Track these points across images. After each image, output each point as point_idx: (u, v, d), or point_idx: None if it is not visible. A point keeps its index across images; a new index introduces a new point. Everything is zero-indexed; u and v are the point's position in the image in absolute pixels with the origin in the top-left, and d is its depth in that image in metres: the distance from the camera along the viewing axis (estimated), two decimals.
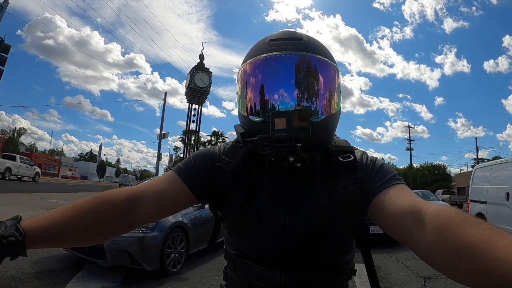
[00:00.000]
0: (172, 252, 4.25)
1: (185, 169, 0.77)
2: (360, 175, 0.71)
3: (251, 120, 0.70)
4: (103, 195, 0.70)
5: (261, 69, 0.70)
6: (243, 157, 0.75)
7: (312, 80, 0.69)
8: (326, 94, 0.70)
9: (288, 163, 0.66)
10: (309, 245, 0.74)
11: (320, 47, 0.72)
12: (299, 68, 0.68)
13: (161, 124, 21.42)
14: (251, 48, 0.75)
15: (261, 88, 0.70)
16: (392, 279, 4.42)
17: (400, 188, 0.67)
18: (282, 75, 0.68)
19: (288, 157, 0.65)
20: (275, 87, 0.68)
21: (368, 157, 0.76)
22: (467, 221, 0.48)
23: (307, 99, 0.68)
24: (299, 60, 0.68)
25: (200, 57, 15.68)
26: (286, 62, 0.68)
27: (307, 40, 0.71)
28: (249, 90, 0.72)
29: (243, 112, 0.73)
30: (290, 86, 0.67)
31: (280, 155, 0.66)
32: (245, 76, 0.73)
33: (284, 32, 0.73)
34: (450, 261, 0.47)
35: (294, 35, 0.72)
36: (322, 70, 0.70)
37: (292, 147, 0.65)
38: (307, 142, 0.65)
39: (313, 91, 0.69)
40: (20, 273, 3.63)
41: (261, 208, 0.74)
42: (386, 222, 0.64)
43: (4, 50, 8.54)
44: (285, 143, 0.64)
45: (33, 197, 12.00)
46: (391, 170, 0.73)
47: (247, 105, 0.72)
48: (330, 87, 0.71)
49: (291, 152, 0.65)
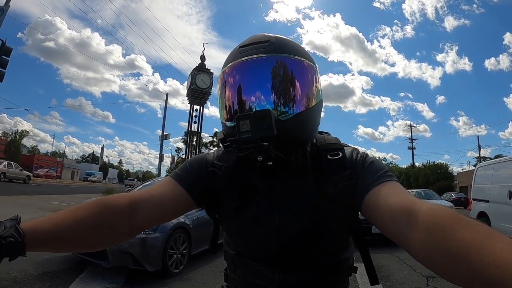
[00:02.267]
0: (174, 253, 4.26)
1: (182, 174, 0.79)
2: (349, 172, 0.71)
3: (227, 126, 0.73)
4: (105, 199, 0.70)
5: (231, 76, 0.73)
6: (234, 161, 0.76)
7: (278, 79, 0.70)
8: (295, 91, 0.70)
9: (258, 163, 0.67)
10: (304, 244, 0.74)
11: (288, 46, 0.73)
12: (264, 70, 0.70)
13: (162, 125, 21.49)
14: (226, 58, 0.77)
15: (231, 94, 0.72)
16: (394, 279, 4.41)
17: (391, 185, 0.66)
18: (248, 79, 0.70)
19: (257, 157, 0.67)
20: (244, 92, 0.71)
21: (359, 153, 0.76)
22: (461, 222, 0.47)
23: (274, 98, 0.69)
24: (264, 62, 0.70)
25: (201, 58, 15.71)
26: (250, 66, 0.70)
27: (274, 41, 0.72)
28: (223, 97, 0.75)
29: (222, 119, 0.76)
30: (256, 88, 0.70)
31: (251, 156, 0.68)
32: (220, 85, 0.76)
33: (251, 38, 0.74)
34: (442, 263, 0.47)
35: (261, 38, 0.72)
36: (290, 67, 0.71)
37: (258, 146, 0.66)
38: (282, 140, 0.66)
39: (280, 90, 0.69)
40: (23, 275, 3.64)
41: (255, 210, 0.75)
42: (378, 221, 0.64)
43: (5, 53, 8.57)
44: (251, 144, 0.66)
45: (36, 199, 12.04)
46: (382, 166, 0.72)
47: (223, 112, 0.75)
48: (301, 83, 0.71)
49: (260, 152, 0.66)
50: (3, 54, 8.48)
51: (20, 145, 47.13)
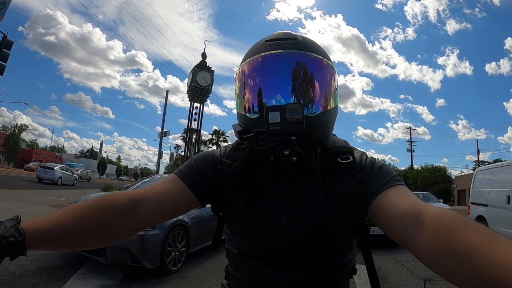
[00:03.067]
0: (173, 251, 4.26)
1: (186, 172, 0.78)
2: (359, 176, 0.72)
3: (248, 118, 0.72)
4: (104, 197, 0.69)
5: (258, 68, 0.71)
6: (244, 159, 0.76)
7: (306, 77, 0.70)
8: (320, 90, 0.71)
9: (283, 157, 0.66)
10: (310, 245, 0.75)
11: (315, 46, 0.73)
12: (294, 66, 0.69)
13: (162, 122, 21.41)
14: (249, 50, 0.76)
15: (257, 86, 0.71)
16: (392, 281, 4.42)
17: (399, 189, 0.67)
18: (277, 72, 0.69)
19: (283, 151, 0.66)
20: (271, 85, 0.70)
21: (368, 158, 0.77)
22: (466, 225, 0.48)
23: (302, 95, 0.69)
24: (294, 58, 0.70)
25: (203, 56, 15.68)
26: (281, 60, 0.70)
27: (301, 40, 0.72)
28: (247, 89, 0.73)
29: (241, 111, 0.74)
30: (285, 84, 0.69)
31: (276, 150, 0.67)
32: (242, 76, 0.74)
33: (279, 33, 0.75)
34: (448, 265, 0.47)
35: (289, 35, 0.73)
36: (317, 67, 0.71)
37: (287, 140, 0.65)
38: (302, 137, 0.66)
39: (307, 87, 0.70)
40: (21, 270, 3.64)
41: (263, 210, 0.74)
42: (385, 224, 0.64)
43: (6, 46, 8.55)
44: (280, 137, 0.65)
45: (34, 193, 12.04)
46: (390, 171, 0.73)
47: (245, 104, 0.73)
48: (325, 84, 0.72)
49: (287, 146, 0.66)
50: (4, 48, 8.47)
51: (19, 139, 47.11)
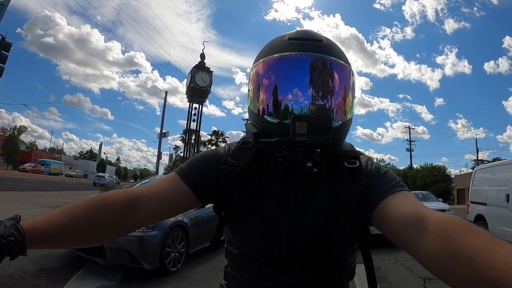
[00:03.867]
0: (172, 251, 4.25)
1: (187, 171, 0.76)
2: (365, 182, 0.71)
3: (266, 120, 0.69)
4: (103, 196, 0.69)
5: (283, 67, 0.68)
6: (250, 160, 0.74)
7: (332, 84, 0.68)
8: (344, 100, 0.70)
9: (305, 168, 0.65)
10: (313, 248, 0.74)
11: (339, 50, 0.72)
12: (321, 71, 0.67)
13: (161, 123, 21.42)
14: (268, 45, 0.73)
15: (280, 88, 0.68)
16: (392, 280, 4.42)
17: (404, 195, 0.67)
18: (304, 77, 0.67)
19: (306, 162, 0.64)
20: (297, 89, 0.67)
21: (373, 164, 0.76)
22: (467, 229, 0.49)
23: (327, 104, 0.67)
24: (322, 63, 0.67)
25: (201, 57, 15.71)
26: (309, 64, 0.67)
27: (326, 42, 0.70)
28: (266, 88, 0.69)
29: (257, 110, 0.71)
30: (311, 89, 0.66)
31: (296, 159, 0.65)
32: (264, 72, 0.70)
33: (303, 32, 0.71)
34: (449, 268, 0.48)
35: (314, 36, 0.70)
36: (342, 74, 0.69)
37: (311, 152, 0.64)
38: (326, 147, 0.64)
39: (333, 96, 0.68)
40: (20, 271, 3.63)
41: (266, 212, 0.73)
42: (389, 228, 0.64)
43: (5, 48, 8.54)
44: (305, 148, 0.63)
45: (33, 195, 12.01)
46: (395, 177, 0.73)
47: (263, 104, 0.70)
48: (349, 93, 0.71)
49: (310, 158, 0.64)
50: (3, 49, 8.46)
51: (18, 140, 46.98)
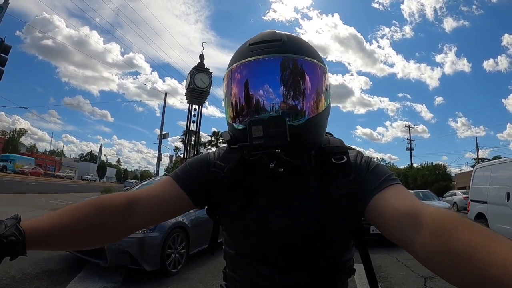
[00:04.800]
0: (173, 253, 4.25)
1: (181, 175, 0.78)
2: (353, 177, 0.70)
3: (235, 127, 0.71)
4: (103, 198, 0.70)
5: (241, 75, 0.70)
6: (237, 162, 0.75)
7: (293, 82, 0.68)
8: (311, 95, 0.69)
9: (269, 169, 0.67)
10: (306, 246, 0.74)
11: (302, 47, 0.71)
12: (279, 71, 0.67)
13: (161, 125, 21.43)
14: (234, 53, 0.75)
15: (241, 94, 0.70)
16: (392, 279, 4.41)
17: (396, 189, 0.66)
18: (261, 80, 0.68)
19: (268, 163, 0.66)
20: (256, 93, 0.68)
21: (363, 157, 0.75)
22: (465, 225, 0.49)
23: (291, 101, 0.67)
24: (278, 63, 0.67)
25: (200, 58, 15.71)
26: (264, 67, 0.67)
27: (287, 40, 0.69)
28: (231, 97, 0.72)
29: (228, 119, 0.74)
30: (270, 90, 0.67)
31: (262, 161, 0.67)
32: (227, 82, 0.73)
33: (263, 35, 0.71)
34: (447, 265, 0.47)
35: (273, 36, 0.70)
36: (306, 70, 0.69)
37: (271, 153, 0.65)
38: (291, 144, 0.64)
39: (294, 94, 0.68)
40: (21, 274, 3.63)
41: (258, 212, 0.74)
42: (383, 224, 0.64)
43: (4, 51, 8.55)
44: (263, 150, 0.65)
45: (33, 197, 12.01)
46: (386, 170, 0.72)
47: (231, 112, 0.72)
48: (314, 87, 0.70)
49: (272, 158, 0.65)
50: (2, 52, 8.46)
51: (18, 143, 47.04)
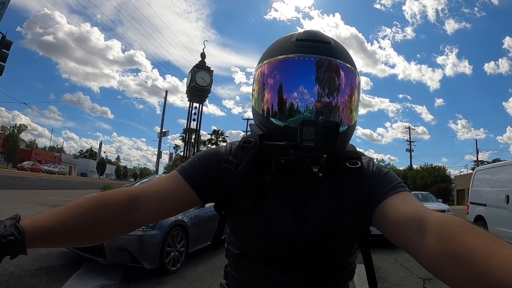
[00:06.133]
0: (172, 251, 4.26)
1: (188, 169, 0.76)
2: (366, 182, 0.71)
3: (272, 122, 0.68)
4: (103, 195, 0.69)
5: (290, 70, 0.68)
6: (251, 159, 0.74)
7: (340, 88, 0.68)
8: (351, 104, 0.70)
9: (310, 173, 0.65)
10: (313, 248, 0.74)
11: (347, 54, 0.72)
12: (330, 75, 0.67)
13: (161, 122, 21.42)
14: (274, 45, 0.73)
15: (286, 89, 0.67)
16: (391, 280, 4.42)
17: (404, 196, 0.67)
18: (311, 79, 0.66)
19: (312, 167, 0.65)
20: (303, 92, 0.66)
21: (374, 164, 0.76)
22: (467, 229, 0.49)
23: (335, 109, 0.68)
24: (331, 67, 0.67)
25: (202, 56, 15.66)
26: (316, 66, 0.66)
27: (334, 45, 0.70)
28: (272, 89, 0.69)
29: (262, 112, 0.71)
30: (319, 92, 0.66)
31: (302, 163, 0.65)
32: (269, 73, 0.70)
33: (311, 33, 0.71)
34: (449, 268, 0.48)
35: (323, 37, 0.70)
36: (349, 78, 0.69)
37: (318, 158, 0.64)
38: (333, 153, 0.65)
39: (341, 101, 0.68)
40: (20, 270, 3.63)
41: (267, 212, 0.73)
42: (389, 229, 0.64)
43: (5, 47, 8.53)
44: (312, 153, 0.63)
45: (33, 194, 12.02)
46: (396, 178, 0.73)
47: (268, 105, 0.70)
48: (355, 97, 0.71)
49: (316, 163, 0.65)
50: (3, 48, 8.44)
51: (18, 139, 46.99)
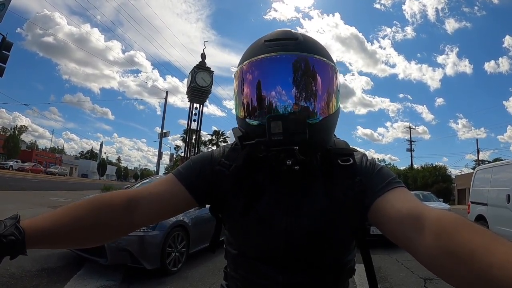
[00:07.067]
0: (173, 251, 4.26)
1: (184, 172, 0.78)
2: (359, 179, 0.71)
3: (248, 123, 0.70)
4: (102, 196, 0.70)
5: (257, 70, 0.69)
6: (243, 160, 0.74)
7: (309, 81, 0.68)
8: (324, 95, 0.70)
9: (286, 167, 0.66)
10: (310, 247, 0.74)
11: (317, 47, 0.71)
12: (296, 69, 0.68)
13: (162, 123, 21.45)
14: (247, 49, 0.75)
15: (257, 90, 0.69)
16: (392, 280, 4.42)
17: (400, 192, 0.67)
18: (279, 76, 0.68)
19: (285, 161, 0.66)
20: (272, 89, 0.68)
21: (368, 160, 0.76)
22: (466, 227, 0.49)
23: (305, 101, 0.68)
24: (296, 61, 0.68)
25: (202, 57, 15.70)
26: (282, 63, 0.67)
27: (303, 39, 0.70)
28: (245, 92, 0.71)
29: (240, 115, 0.73)
30: (287, 87, 0.67)
31: (278, 158, 0.66)
32: (241, 78, 0.72)
33: (279, 32, 0.72)
34: (448, 266, 0.47)
35: (290, 34, 0.71)
36: (320, 70, 0.69)
37: (289, 150, 0.65)
38: (305, 144, 0.65)
39: (311, 93, 0.68)
40: (21, 271, 3.63)
41: (262, 211, 0.73)
42: (386, 226, 0.64)
43: (6, 48, 8.55)
44: (282, 147, 0.64)
45: (34, 195, 12.03)
46: (390, 173, 0.72)
47: (244, 107, 0.72)
48: (328, 88, 0.71)
49: (289, 156, 0.65)
50: (4, 49, 8.47)
51: (18, 140, 47.06)
